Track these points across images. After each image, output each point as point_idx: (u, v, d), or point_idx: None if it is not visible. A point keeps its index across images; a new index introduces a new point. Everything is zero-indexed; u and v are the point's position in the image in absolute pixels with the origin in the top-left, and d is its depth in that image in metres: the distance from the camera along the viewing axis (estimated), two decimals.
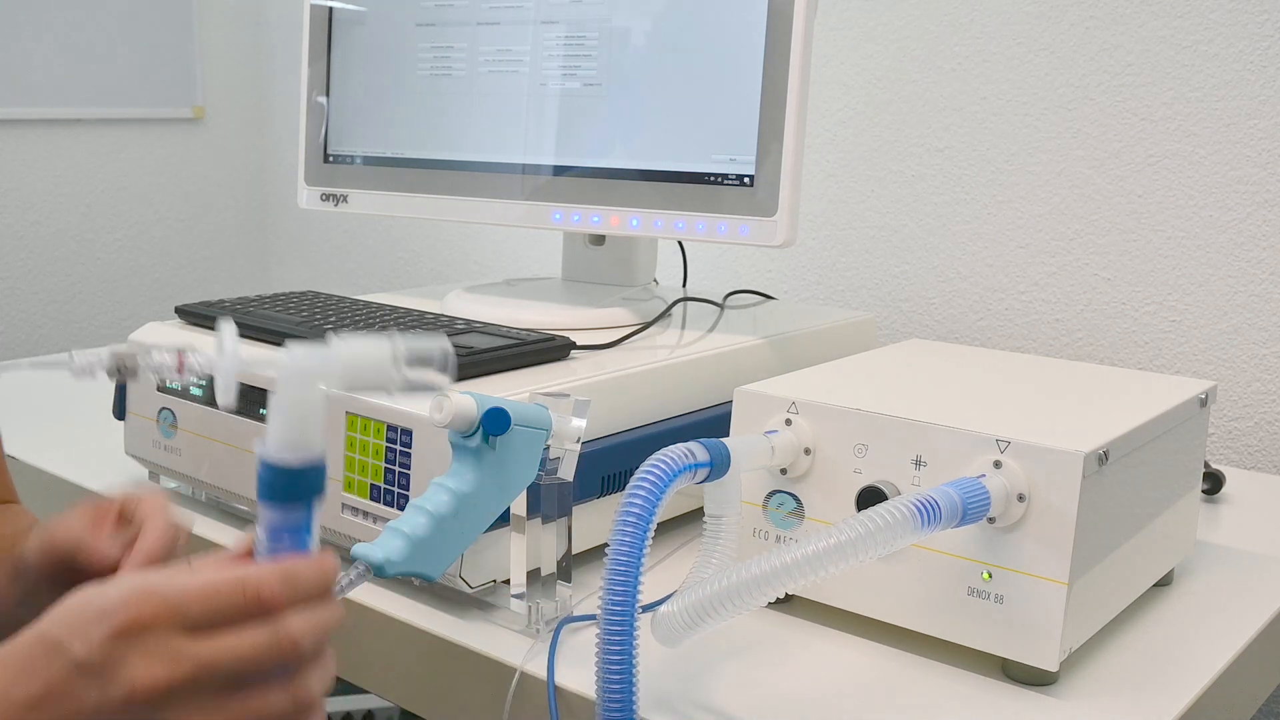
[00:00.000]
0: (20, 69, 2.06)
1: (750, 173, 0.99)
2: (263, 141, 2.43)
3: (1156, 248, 1.29)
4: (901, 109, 1.46)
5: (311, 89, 1.25)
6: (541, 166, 1.10)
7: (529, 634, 0.78)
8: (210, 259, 2.39)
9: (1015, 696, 0.72)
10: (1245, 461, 1.26)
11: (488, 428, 0.69)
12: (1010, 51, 1.36)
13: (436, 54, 1.17)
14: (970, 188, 1.41)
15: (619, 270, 1.19)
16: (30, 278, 2.13)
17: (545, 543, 0.77)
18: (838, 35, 1.49)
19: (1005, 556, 0.71)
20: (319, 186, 1.26)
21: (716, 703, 0.71)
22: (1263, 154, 1.21)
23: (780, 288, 1.60)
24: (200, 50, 2.29)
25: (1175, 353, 1.29)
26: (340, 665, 0.86)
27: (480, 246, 2.02)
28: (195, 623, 0.50)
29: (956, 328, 1.45)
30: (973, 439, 0.72)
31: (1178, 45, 1.25)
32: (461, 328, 0.98)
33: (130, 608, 0.49)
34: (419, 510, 0.68)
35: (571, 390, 0.82)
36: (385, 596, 0.84)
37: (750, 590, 0.63)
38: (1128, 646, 0.78)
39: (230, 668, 0.50)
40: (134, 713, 0.49)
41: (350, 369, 0.54)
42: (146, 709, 0.49)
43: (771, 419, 0.80)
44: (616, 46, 1.06)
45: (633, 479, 0.66)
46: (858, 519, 0.64)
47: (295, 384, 0.53)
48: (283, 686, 0.52)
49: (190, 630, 0.49)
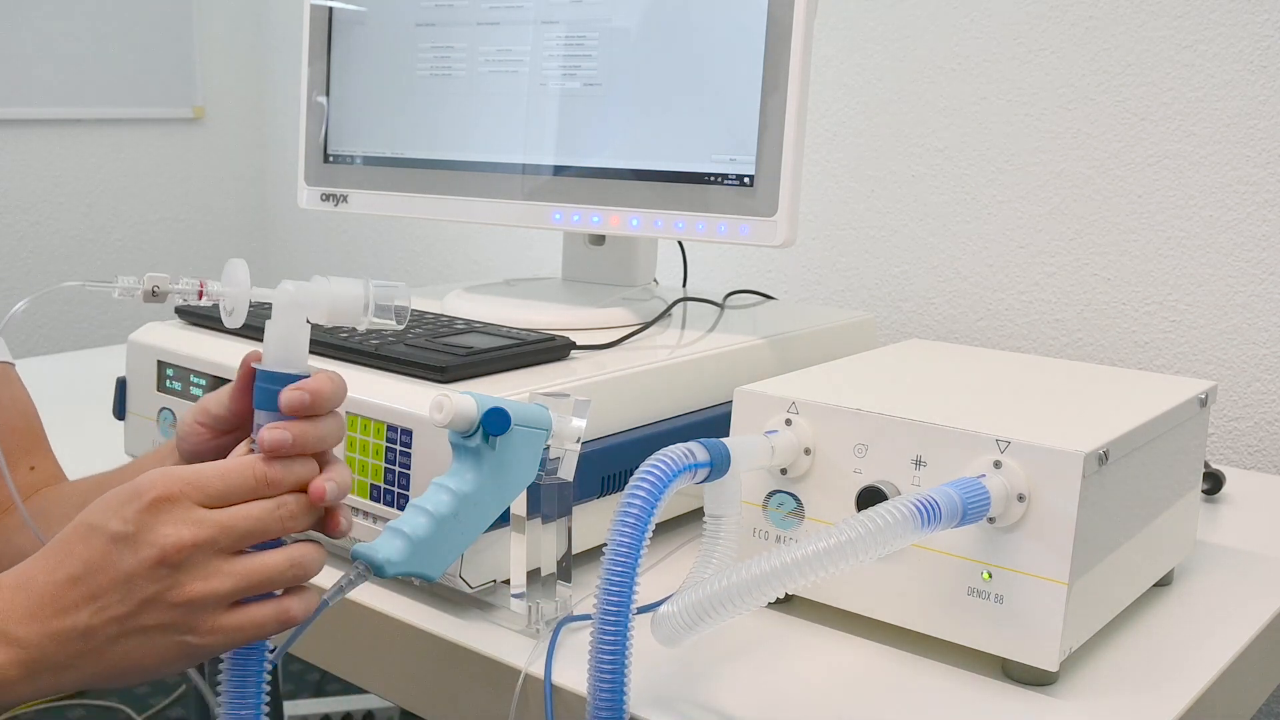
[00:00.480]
0: (20, 69, 2.06)
1: (750, 173, 0.99)
2: (263, 141, 2.43)
3: (1156, 248, 1.29)
4: (901, 109, 1.46)
5: (311, 89, 1.25)
6: (541, 166, 1.10)
7: (529, 634, 0.78)
8: (210, 259, 2.39)
9: (1015, 696, 0.72)
10: (1245, 461, 1.26)
11: (488, 428, 0.69)
12: (1010, 51, 1.36)
13: (436, 54, 1.17)
14: (970, 188, 1.41)
15: (619, 270, 1.19)
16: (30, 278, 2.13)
17: (545, 543, 0.77)
18: (838, 35, 1.49)
19: (1005, 556, 0.71)
20: (319, 186, 1.26)
21: (716, 703, 0.71)
22: (1263, 154, 1.21)
23: (780, 288, 1.60)
24: (200, 50, 2.29)
25: (1175, 353, 1.29)
26: (340, 665, 0.87)
27: (480, 246, 2.02)
28: (213, 496, 0.58)
29: (956, 328, 1.45)
30: (973, 439, 0.72)
31: (1178, 45, 1.25)
32: (461, 328, 0.98)
33: (159, 486, 0.57)
34: (419, 510, 0.68)
35: (571, 390, 0.82)
36: (385, 596, 0.84)
37: (750, 590, 0.63)
38: (1128, 646, 0.78)
39: (242, 529, 0.58)
40: (160, 574, 0.56)
41: (330, 304, 0.65)
42: (172, 570, 0.57)
43: (771, 419, 0.80)
44: (616, 46, 1.06)
45: (632, 479, 0.66)
46: (858, 519, 0.63)
47: (288, 311, 0.64)
48: (282, 550, 0.60)
49: (209, 502, 0.58)
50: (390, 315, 0.67)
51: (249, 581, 0.59)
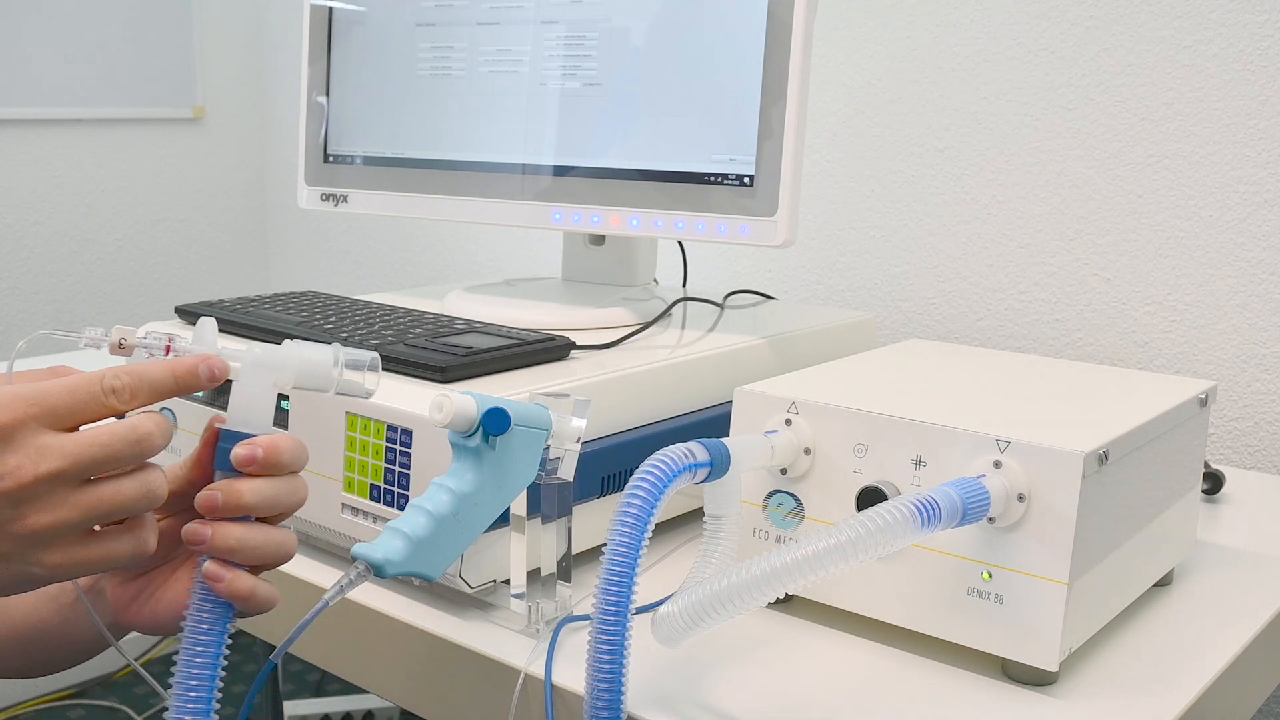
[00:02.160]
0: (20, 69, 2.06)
1: (750, 173, 0.99)
2: (263, 141, 2.43)
3: (1156, 248, 1.29)
4: (901, 109, 1.46)
5: (311, 89, 1.25)
6: (541, 166, 1.11)
7: (529, 634, 0.78)
8: (210, 259, 2.39)
9: (1015, 696, 0.72)
10: (1245, 461, 1.26)
11: (488, 428, 0.69)
12: (1010, 51, 1.36)
13: (436, 54, 1.17)
14: (970, 188, 1.41)
15: (619, 270, 1.19)
16: (30, 278, 2.13)
17: (545, 543, 0.77)
18: (838, 35, 1.49)
19: (1005, 556, 0.71)
20: (319, 186, 1.26)
21: (716, 703, 0.71)
22: (1263, 154, 1.21)
23: (780, 288, 1.60)
24: (200, 50, 2.29)
25: (1175, 353, 1.29)
26: (340, 665, 0.87)
27: (480, 246, 2.02)
28: (60, 418, 0.54)
29: (956, 328, 1.45)
30: (973, 439, 0.72)
31: (1178, 45, 1.25)
32: (461, 328, 0.99)
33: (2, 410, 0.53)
34: (419, 510, 0.68)
35: (571, 390, 0.82)
36: (385, 596, 0.84)
37: (750, 590, 0.63)
38: (1128, 646, 0.78)
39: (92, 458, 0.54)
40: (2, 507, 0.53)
41: (299, 368, 0.64)
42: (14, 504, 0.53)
43: (771, 419, 0.80)
44: (616, 46, 1.06)
45: (632, 479, 0.66)
46: (858, 519, 0.64)
47: (253, 375, 0.63)
48: (134, 476, 0.57)
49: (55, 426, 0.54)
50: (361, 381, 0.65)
51: (98, 512, 0.55)
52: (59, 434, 0.55)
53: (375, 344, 0.91)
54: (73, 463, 0.54)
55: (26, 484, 0.53)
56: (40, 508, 0.54)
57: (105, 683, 2.32)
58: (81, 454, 0.54)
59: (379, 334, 0.95)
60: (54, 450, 0.54)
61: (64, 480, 0.54)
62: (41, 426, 0.54)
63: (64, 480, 0.54)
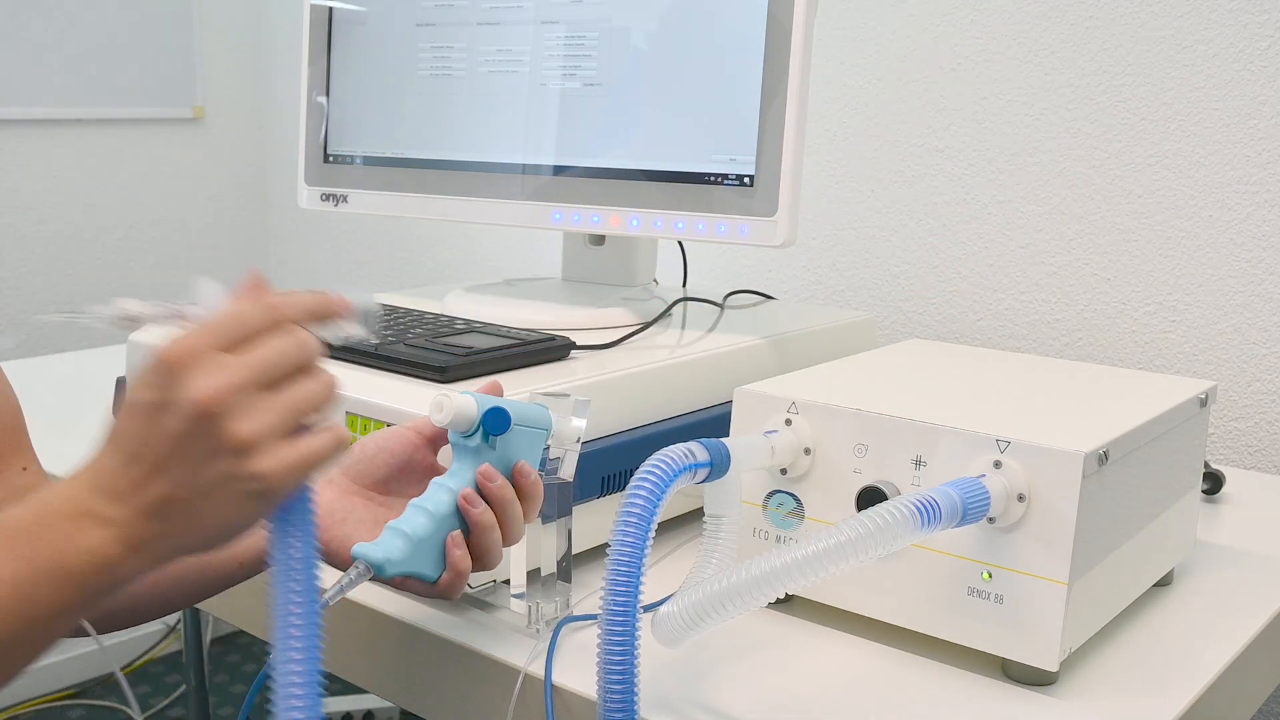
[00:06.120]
0: (20, 69, 2.06)
1: (750, 173, 0.99)
2: (263, 141, 2.43)
3: (1156, 248, 1.29)
4: (901, 109, 1.46)
5: (311, 89, 1.25)
6: (541, 166, 1.11)
7: (529, 634, 0.78)
8: (210, 259, 2.39)
9: (1015, 696, 0.72)
10: (1245, 461, 1.26)
11: (488, 428, 0.69)
12: (1010, 51, 1.36)
13: (436, 54, 1.17)
14: (970, 188, 1.41)
15: (619, 270, 1.19)
16: (30, 278, 2.13)
17: (545, 543, 0.77)
18: (838, 35, 1.49)
19: (1005, 556, 0.71)
20: (319, 186, 1.26)
21: (716, 703, 0.71)
22: (1263, 154, 1.21)
23: (780, 288, 1.60)
24: (200, 50, 2.30)
25: (1175, 353, 1.29)
26: (340, 665, 0.87)
27: (480, 246, 2.02)
28: (230, 340, 0.58)
29: (956, 328, 1.45)
30: (973, 439, 0.72)
31: (1178, 45, 1.25)
32: (461, 328, 0.99)
33: (175, 345, 0.57)
34: (419, 510, 0.68)
35: (571, 390, 0.82)
36: (385, 596, 0.84)
37: (750, 590, 0.63)
38: (1128, 646, 0.78)
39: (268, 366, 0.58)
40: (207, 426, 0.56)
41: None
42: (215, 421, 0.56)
43: (771, 419, 0.80)
44: (616, 46, 1.06)
45: (633, 479, 0.66)
46: (858, 519, 0.64)
47: None
48: (311, 376, 0.60)
49: (228, 346, 0.58)
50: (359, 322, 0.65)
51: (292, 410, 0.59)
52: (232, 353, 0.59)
53: (375, 343, 0.91)
54: (256, 370, 0.58)
55: (223, 397, 0.56)
56: (240, 417, 0.57)
57: (105, 683, 2.32)
58: (260, 361, 0.58)
59: (379, 334, 0.95)
60: (235, 364, 0.57)
61: (253, 387, 0.58)
62: (217, 350, 0.58)
63: (253, 387, 0.58)
